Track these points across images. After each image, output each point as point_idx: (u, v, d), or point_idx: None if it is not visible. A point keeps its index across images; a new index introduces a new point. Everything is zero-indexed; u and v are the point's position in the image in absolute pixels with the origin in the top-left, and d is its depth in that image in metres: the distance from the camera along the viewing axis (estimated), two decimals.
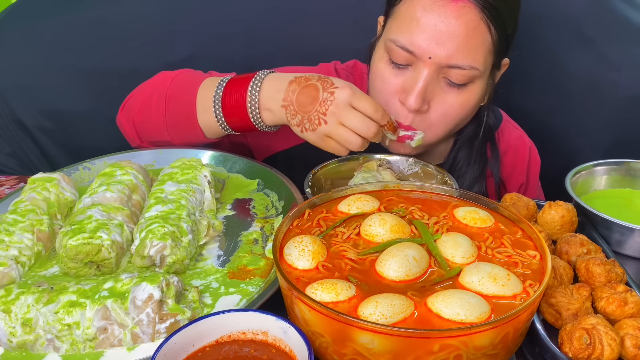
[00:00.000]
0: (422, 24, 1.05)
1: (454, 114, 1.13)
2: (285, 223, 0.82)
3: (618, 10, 1.59)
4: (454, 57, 1.05)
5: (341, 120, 1.01)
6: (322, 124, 1.03)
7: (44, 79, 1.64)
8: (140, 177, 1.04)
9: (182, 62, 1.63)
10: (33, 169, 1.68)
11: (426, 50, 1.05)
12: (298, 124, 1.05)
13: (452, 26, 1.04)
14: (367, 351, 0.65)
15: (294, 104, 1.04)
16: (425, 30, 1.05)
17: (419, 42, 1.05)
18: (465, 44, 1.05)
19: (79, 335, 0.75)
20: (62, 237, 0.87)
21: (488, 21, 1.06)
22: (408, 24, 1.07)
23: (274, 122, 1.10)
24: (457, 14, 1.04)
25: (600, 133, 1.66)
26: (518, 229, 0.83)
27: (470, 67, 1.07)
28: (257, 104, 1.08)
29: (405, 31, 1.07)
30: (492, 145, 1.32)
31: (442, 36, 1.04)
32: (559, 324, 0.80)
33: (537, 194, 1.45)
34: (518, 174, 1.39)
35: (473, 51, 1.06)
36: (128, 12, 1.63)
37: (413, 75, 1.09)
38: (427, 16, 1.05)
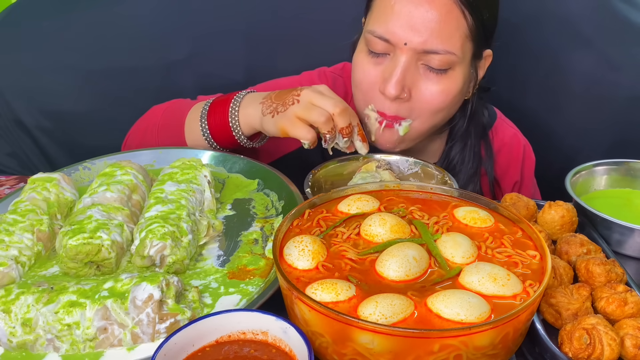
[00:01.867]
0: (396, 11, 1.08)
1: (436, 101, 1.14)
2: (285, 223, 0.83)
3: (618, 10, 1.59)
4: (428, 42, 1.08)
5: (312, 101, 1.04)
6: (295, 104, 1.06)
7: (44, 79, 1.64)
8: (140, 177, 1.04)
9: (182, 62, 1.64)
10: (33, 169, 1.68)
11: (401, 37, 1.08)
12: (272, 112, 1.08)
13: (425, 12, 1.07)
14: (367, 351, 0.65)
15: (272, 97, 1.10)
16: (399, 18, 1.08)
17: (394, 30, 1.08)
18: (440, 28, 1.07)
19: (79, 335, 0.75)
20: (62, 237, 0.87)
21: (462, 6, 1.08)
22: (384, 14, 1.10)
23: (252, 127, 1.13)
24: (431, 3, 1.07)
25: (600, 133, 1.66)
26: (518, 229, 0.84)
27: (446, 52, 1.09)
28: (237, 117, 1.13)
29: (381, 21, 1.10)
30: (485, 143, 1.33)
31: (416, 22, 1.07)
32: (559, 324, 0.80)
33: (532, 192, 1.45)
34: (512, 172, 1.40)
35: (448, 35, 1.08)
36: (128, 12, 1.63)
37: (391, 64, 1.11)
38: (401, 4, 1.08)
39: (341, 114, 1.03)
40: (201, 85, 1.65)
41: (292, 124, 1.05)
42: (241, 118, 1.13)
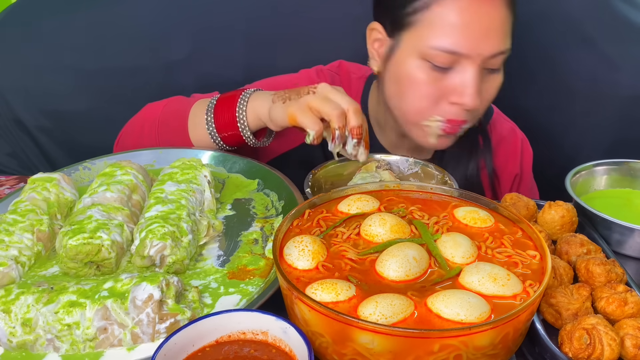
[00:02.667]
0: (464, 25, 1.08)
1: (492, 97, 1.18)
2: (285, 223, 0.82)
3: (618, 10, 1.59)
4: (496, 46, 1.10)
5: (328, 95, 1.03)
6: (310, 94, 1.05)
7: (44, 79, 1.64)
8: (140, 177, 1.04)
9: (182, 62, 1.64)
10: (33, 169, 1.68)
11: (475, 48, 1.09)
12: (284, 100, 1.07)
13: (491, 20, 1.09)
14: (367, 351, 0.65)
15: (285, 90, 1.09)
16: (469, 31, 1.08)
17: (467, 43, 1.08)
18: (502, 31, 1.10)
19: (79, 335, 0.75)
20: (62, 237, 0.87)
21: (509, 4, 1.11)
22: (449, 29, 1.09)
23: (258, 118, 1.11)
24: (491, 7, 1.09)
25: (601, 133, 1.66)
26: (518, 229, 0.83)
27: (507, 50, 1.12)
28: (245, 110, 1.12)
29: (448, 36, 1.09)
30: (483, 136, 1.33)
31: (485, 31, 1.09)
32: (559, 324, 0.80)
33: (530, 186, 1.46)
34: (512, 165, 1.40)
35: (506, 34, 1.12)
36: (128, 12, 1.63)
37: (461, 76, 1.11)
38: (467, 16, 1.08)
39: (355, 112, 1.02)
40: (201, 84, 1.65)
41: (303, 111, 1.03)
42: (249, 110, 1.12)
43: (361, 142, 1.05)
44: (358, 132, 1.02)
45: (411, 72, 1.14)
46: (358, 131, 1.02)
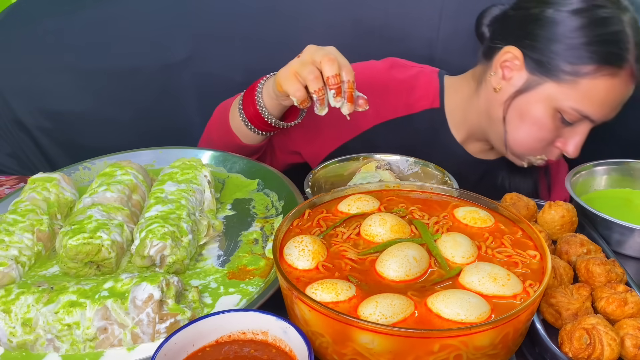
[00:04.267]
0: (609, 100, 1.17)
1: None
2: (285, 223, 0.82)
3: None
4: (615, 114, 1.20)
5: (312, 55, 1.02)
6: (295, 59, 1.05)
7: (44, 79, 1.64)
8: (140, 177, 1.04)
9: (182, 62, 1.64)
10: (33, 169, 1.68)
11: (605, 117, 1.19)
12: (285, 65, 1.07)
13: (623, 95, 1.19)
14: (367, 351, 0.65)
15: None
16: (607, 104, 1.17)
17: (602, 113, 1.18)
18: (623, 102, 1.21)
19: (79, 335, 0.75)
20: (62, 237, 0.87)
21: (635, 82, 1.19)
22: (596, 100, 1.16)
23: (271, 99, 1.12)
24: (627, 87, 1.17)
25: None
26: (518, 229, 0.83)
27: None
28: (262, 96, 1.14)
29: (592, 105, 1.16)
30: None
31: (617, 105, 1.19)
32: (559, 324, 0.80)
33: None
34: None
35: None
36: (128, 12, 1.63)
37: (576, 130, 1.20)
38: (616, 94, 1.17)
39: (329, 62, 0.99)
40: (201, 85, 1.65)
41: (287, 78, 1.04)
42: (264, 95, 1.13)
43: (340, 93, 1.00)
44: (333, 82, 0.99)
45: (541, 117, 1.19)
46: (333, 81, 0.99)
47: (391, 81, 1.35)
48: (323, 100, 1.00)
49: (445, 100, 1.35)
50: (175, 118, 1.65)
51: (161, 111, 1.68)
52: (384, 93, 1.34)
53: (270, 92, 1.12)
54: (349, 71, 1.01)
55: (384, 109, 1.34)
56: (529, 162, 1.27)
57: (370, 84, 1.30)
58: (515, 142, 1.24)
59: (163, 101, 1.68)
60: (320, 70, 1.00)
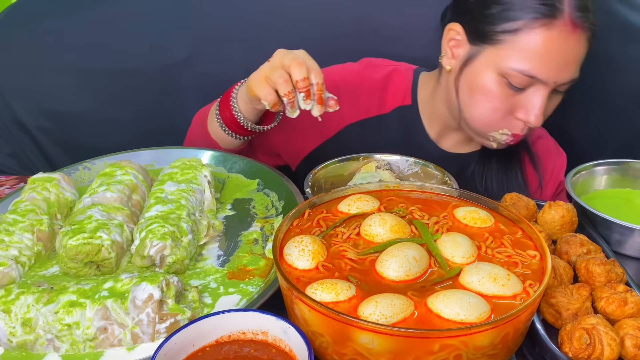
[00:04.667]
0: (549, 54, 1.12)
1: (550, 113, 1.23)
2: (285, 223, 0.82)
3: (617, 11, 1.59)
4: (572, 76, 1.16)
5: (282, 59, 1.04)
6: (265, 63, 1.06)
7: (44, 79, 1.64)
8: (140, 177, 1.04)
9: (182, 63, 1.64)
10: (33, 169, 1.68)
11: (553, 76, 1.13)
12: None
13: (573, 52, 1.14)
14: (367, 351, 0.65)
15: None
16: (552, 60, 1.12)
17: (547, 71, 1.13)
18: (578, 61, 1.16)
19: (79, 335, 0.75)
20: (62, 237, 0.87)
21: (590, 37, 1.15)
22: (533, 55, 1.12)
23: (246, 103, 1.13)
24: (577, 41, 1.13)
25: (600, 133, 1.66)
26: (518, 229, 0.83)
27: (577, 77, 1.17)
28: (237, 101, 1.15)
29: (531, 61, 1.13)
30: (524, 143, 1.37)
31: (566, 62, 1.14)
32: (559, 324, 0.80)
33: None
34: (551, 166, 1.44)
35: (580, 64, 1.17)
36: (128, 12, 1.63)
37: (533, 96, 1.16)
38: (553, 47, 1.12)
39: (297, 66, 1.01)
40: (201, 85, 1.65)
41: (257, 82, 1.05)
42: (239, 100, 1.15)
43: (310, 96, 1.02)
44: (302, 86, 1.01)
45: (487, 85, 1.18)
46: (302, 84, 1.01)
47: (365, 81, 1.36)
48: (293, 103, 1.03)
49: (418, 96, 1.36)
50: (175, 118, 1.65)
51: (161, 111, 1.68)
52: (358, 93, 1.35)
53: (244, 97, 1.12)
54: (318, 74, 1.03)
55: (357, 109, 1.35)
56: (496, 141, 1.24)
57: (344, 85, 1.33)
58: (472, 118, 1.23)
59: (163, 101, 1.68)
60: (290, 74, 1.02)
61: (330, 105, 1.04)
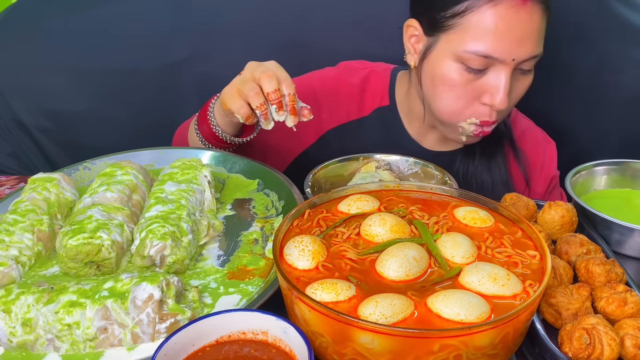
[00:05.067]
0: (500, 31, 1.09)
1: (521, 96, 1.21)
2: (285, 223, 0.83)
3: (617, 11, 1.59)
4: (531, 51, 1.12)
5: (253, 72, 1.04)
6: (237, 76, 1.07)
7: (44, 79, 1.64)
8: (141, 177, 1.04)
9: (182, 62, 1.64)
10: (33, 169, 1.69)
11: (509, 53, 1.11)
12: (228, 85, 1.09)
13: (527, 26, 1.10)
14: (367, 351, 0.65)
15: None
16: (505, 37, 1.10)
17: (502, 48, 1.10)
18: (537, 36, 1.12)
19: (79, 335, 0.75)
20: (62, 237, 0.87)
21: (546, 8, 1.13)
22: (485, 34, 1.10)
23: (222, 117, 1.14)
24: (528, 14, 1.10)
25: (600, 133, 1.66)
26: (518, 229, 0.84)
27: (540, 53, 1.14)
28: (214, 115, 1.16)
29: (484, 41, 1.11)
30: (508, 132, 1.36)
31: (521, 38, 1.10)
32: (559, 324, 0.80)
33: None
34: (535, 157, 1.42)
35: (540, 39, 1.14)
36: (128, 12, 1.63)
37: (494, 77, 1.14)
38: (504, 23, 1.09)
39: (268, 78, 1.01)
40: (201, 85, 1.65)
41: (230, 96, 1.06)
42: (216, 114, 1.15)
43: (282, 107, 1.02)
44: (273, 98, 1.01)
45: (446, 73, 1.16)
46: (273, 96, 1.01)
47: (343, 86, 1.36)
48: (267, 115, 1.03)
49: (396, 96, 1.36)
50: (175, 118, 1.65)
51: (161, 111, 1.69)
52: (337, 98, 1.36)
53: (220, 110, 1.13)
54: (289, 84, 1.03)
55: (338, 114, 1.36)
56: (465, 133, 1.22)
57: (323, 91, 1.34)
58: (438, 110, 1.22)
59: (163, 101, 1.68)
60: (261, 87, 1.02)
61: (305, 115, 1.04)
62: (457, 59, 1.14)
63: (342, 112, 1.36)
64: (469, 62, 1.13)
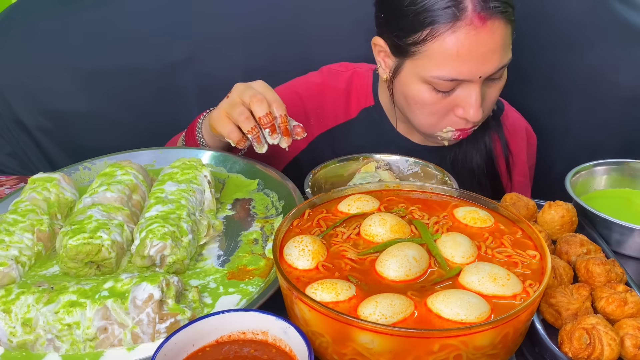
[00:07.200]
0: (463, 55, 1.09)
1: (495, 100, 1.21)
2: (285, 223, 0.83)
3: (617, 11, 1.59)
4: (499, 65, 1.12)
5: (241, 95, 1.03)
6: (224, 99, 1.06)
7: (44, 79, 1.64)
8: (141, 177, 1.04)
9: (182, 62, 1.64)
10: (33, 169, 1.68)
11: (475, 73, 1.11)
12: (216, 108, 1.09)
13: (489, 45, 1.09)
14: (367, 351, 0.65)
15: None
16: (468, 59, 1.09)
17: (466, 70, 1.10)
18: (502, 49, 1.12)
19: (79, 335, 0.75)
20: (62, 237, 0.87)
21: (508, 19, 1.11)
22: (448, 60, 1.10)
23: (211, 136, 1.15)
24: (490, 32, 1.09)
25: (600, 133, 1.66)
26: (518, 229, 0.84)
27: (509, 60, 1.15)
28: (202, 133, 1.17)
29: (447, 67, 1.10)
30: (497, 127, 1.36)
31: (485, 56, 1.10)
32: (558, 324, 0.80)
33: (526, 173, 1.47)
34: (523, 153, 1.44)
35: (508, 47, 1.13)
36: (128, 12, 1.63)
37: (465, 93, 1.14)
38: (465, 47, 1.09)
39: (258, 103, 1.01)
40: (200, 85, 1.65)
41: (219, 120, 1.06)
42: (204, 134, 1.16)
43: (276, 130, 1.02)
44: (266, 122, 1.01)
45: (417, 95, 1.17)
46: (265, 120, 1.01)
47: (327, 90, 1.37)
48: (259, 138, 1.03)
49: (379, 94, 1.36)
50: (175, 118, 1.65)
51: (161, 111, 1.69)
52: (323, 103, 1.36)
53: (209, 132, 1.13)
54: (279, 105, 1.03)
55: (325, 119, 1.36)
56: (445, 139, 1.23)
57: (308, 97, 1.34)
58: (414, 124, 1.24)
59: (163, 101, 1.68)
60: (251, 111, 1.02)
61: (298, 133, 1.05)
62: (425, 81, 1.15)
63: (329, 116, 1.37)
64: (437, 85, 1.14)
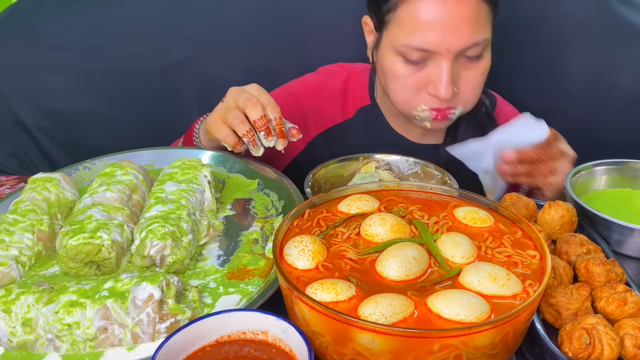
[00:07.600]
0: (430, 22, 1.09)
1: (479, 82, 1.20)
2: (285, 223, 0.83)
3: (618, 12, 1.59)
4: (467, 39, 1.11)
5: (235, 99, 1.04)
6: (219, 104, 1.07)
7: (44, 79, 1.64)
8: (141, 177, 1.04)
9: (182, 63, 1.64)
10: (33, 169, 1.68)
11: (442, 44, 1.10)
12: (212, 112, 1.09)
13: (458, 14, 1.09)
14: (367, 351, 0.65)
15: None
16: (435, 28, 1.09)
17: (433, 40, 1.10)
18: (473, 23, 1.10)
19: (79, 335, 0.75)
20: (62, 237, 0.87)
21: None
22: (415, 26, 1.10)
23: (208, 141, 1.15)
24: (457, 3, 1.08)
25: (601, 133, 1.66)
26: (518, 228, 0.84)
27: (482, 40, 1.13)
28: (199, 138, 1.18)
29: (415, 34, 1.11)
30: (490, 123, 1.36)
31: (452, 27, 1.09)
32: (558, 324, 0.80)
33: None
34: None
35: (481, 25, 1.12)
36: (128, 12, 1.63)
37: (435, 68, 1.13)
38: (432, 14, 1.09)
39: (252, 106, 1.01)
40: (201, 86, 1.65)
41: (215, 124, 1.06)
42: (202, 139, 1.17)
43: (271, 132, 1.02)
44: (260, 125, 1.02)
45: (390, 67, 1.18)
46: (260, 123, 1.02)
47: (324, 91, 1.37)
48: (255, 141, 1.03)
49: (375, 94, 1.37)
50: (175, 118, 1.66)
51: (161, 111, 1.69)
52: (320, 103, 1.37)
53: (206, 136, 1.14)
54: (274, 108, 1.03)
55: (322, 119, 1.37)
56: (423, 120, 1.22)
57: (305, 98, 1.35)
58: (392, 102, 1.24)
59: (163, 101, 1.68)
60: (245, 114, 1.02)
61: (293, 135, 1.05)
62: (397, 52, 1.15)
63: (326, 116, 1.37)
64: (407, 55, 1.14)
